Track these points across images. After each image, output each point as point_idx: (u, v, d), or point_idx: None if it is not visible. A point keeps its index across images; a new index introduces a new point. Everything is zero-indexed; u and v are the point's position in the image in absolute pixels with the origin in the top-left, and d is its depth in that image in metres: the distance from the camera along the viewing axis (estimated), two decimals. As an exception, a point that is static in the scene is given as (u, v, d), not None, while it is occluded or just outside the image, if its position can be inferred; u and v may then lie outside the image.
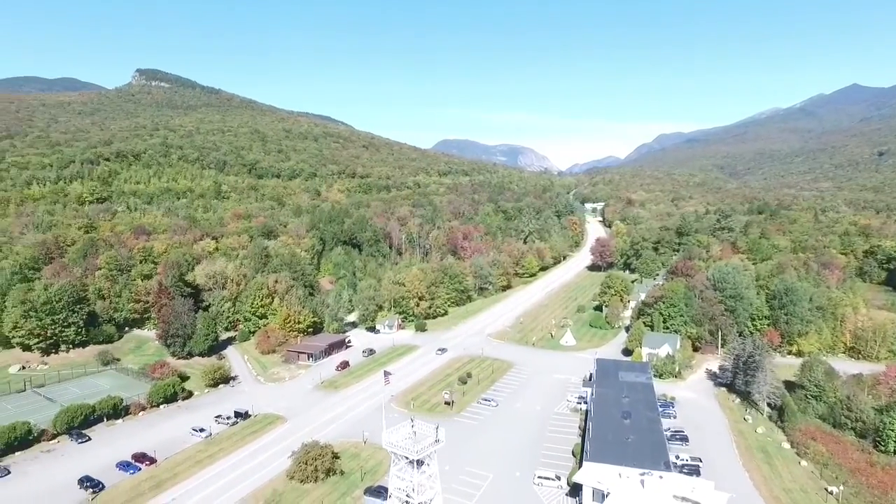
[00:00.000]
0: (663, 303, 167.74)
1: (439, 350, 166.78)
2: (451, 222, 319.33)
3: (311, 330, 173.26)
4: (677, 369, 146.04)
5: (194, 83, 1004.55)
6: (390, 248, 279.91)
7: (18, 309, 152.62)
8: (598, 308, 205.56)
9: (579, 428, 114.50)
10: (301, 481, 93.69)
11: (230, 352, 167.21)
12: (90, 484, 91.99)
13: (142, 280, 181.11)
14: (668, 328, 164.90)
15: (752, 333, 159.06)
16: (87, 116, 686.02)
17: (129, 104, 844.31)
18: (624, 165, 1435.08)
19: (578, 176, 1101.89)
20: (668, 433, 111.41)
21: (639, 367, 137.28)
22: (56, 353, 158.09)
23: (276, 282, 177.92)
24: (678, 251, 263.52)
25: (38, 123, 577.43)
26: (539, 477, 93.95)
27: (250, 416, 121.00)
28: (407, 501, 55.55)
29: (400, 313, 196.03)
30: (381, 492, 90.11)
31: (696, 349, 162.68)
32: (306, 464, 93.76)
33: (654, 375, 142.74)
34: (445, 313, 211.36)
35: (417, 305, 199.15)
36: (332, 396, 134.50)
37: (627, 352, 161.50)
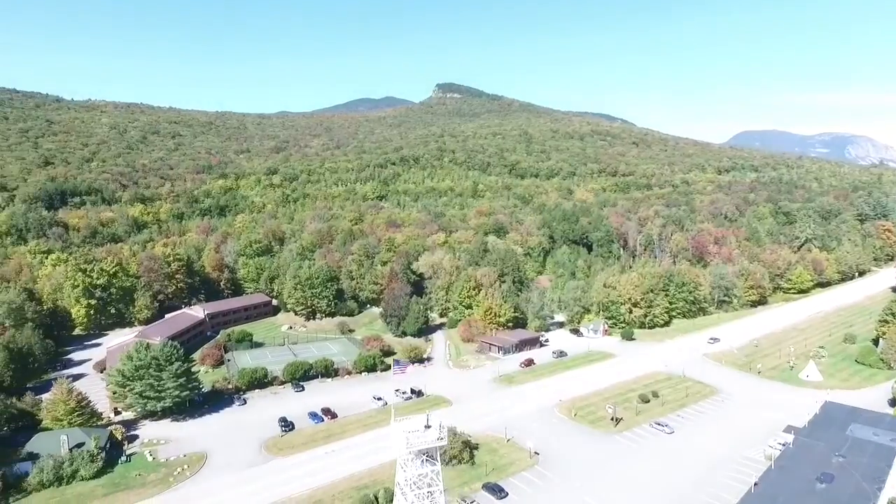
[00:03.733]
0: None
1: (711, 339, 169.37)
2: (702, 224, 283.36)
3: (510, 324, 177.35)
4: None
5: (481, 92, 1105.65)
6: (623, 249, 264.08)
7: (291, 282, 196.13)
8: (876, 341, 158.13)
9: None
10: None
11: (438, 335, 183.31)
12: (284, 424, 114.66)
13: (381, 266, 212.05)
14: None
15: None
16: (395, 128, 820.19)
17: (427, 115, 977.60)
18: None
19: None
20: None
21: (891, 422, 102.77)
22: (313, 319, 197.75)
23: (484, 275, 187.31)
24: None
25: (359, 135, 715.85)
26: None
27: (423, 395, 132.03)
28: (401, 491, 55.49)
29: (609, 318, 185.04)
30: (495, 489, 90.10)
31: None
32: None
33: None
34: (666, 324, 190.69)
35: (630, 312, 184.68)
36: (503, 390, 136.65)
37: (895, 402, 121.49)
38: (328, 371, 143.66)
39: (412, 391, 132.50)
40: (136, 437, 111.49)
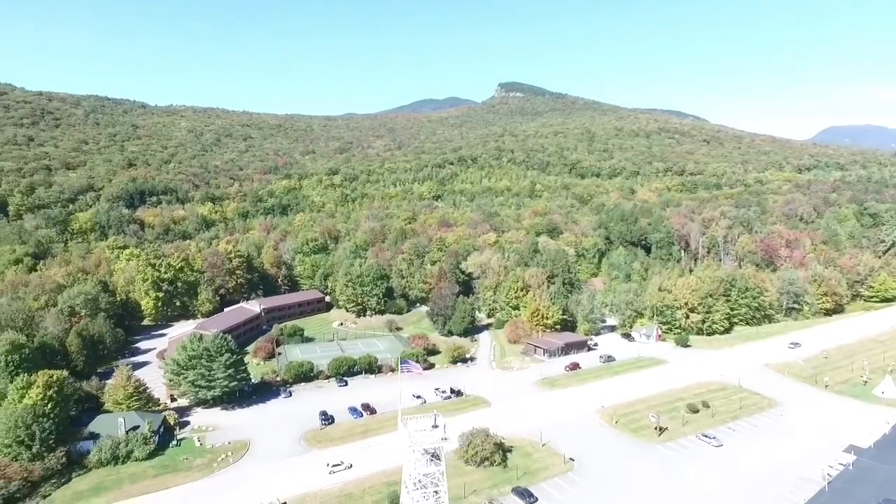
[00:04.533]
0: None
1: (791, 344, 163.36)
2: (774, 226, 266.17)
3: (559, 327, 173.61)
4: None
5: (544, 90, 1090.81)
6: (684, 252, 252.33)
7: (343, 279, 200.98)
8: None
9: None
10: (465, 462, 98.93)
11: (484, 336, 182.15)
12: (324, 417, 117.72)
13: (431, 265, 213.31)
14: None
15: None
16: (456, 128, 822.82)
17: (489, 115, 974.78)
18: None
19: None
20: None
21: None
22: (363, 316, 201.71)
23: (532, 276, 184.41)
24: None
25: (421, 136, 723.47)
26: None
27: (463, 394, 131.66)
28: (406, 489, 55.16)
29: (663, 323, 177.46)
30: (525, 494, 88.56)
31: None
32: (468, 447, 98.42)
33: None
34: (727, 331, 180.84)
35: (686, 317, 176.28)
36: (544, 393, 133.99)
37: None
38: (371, 367, 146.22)
39: (451, 390, 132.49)
40: (187, 423, 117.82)
